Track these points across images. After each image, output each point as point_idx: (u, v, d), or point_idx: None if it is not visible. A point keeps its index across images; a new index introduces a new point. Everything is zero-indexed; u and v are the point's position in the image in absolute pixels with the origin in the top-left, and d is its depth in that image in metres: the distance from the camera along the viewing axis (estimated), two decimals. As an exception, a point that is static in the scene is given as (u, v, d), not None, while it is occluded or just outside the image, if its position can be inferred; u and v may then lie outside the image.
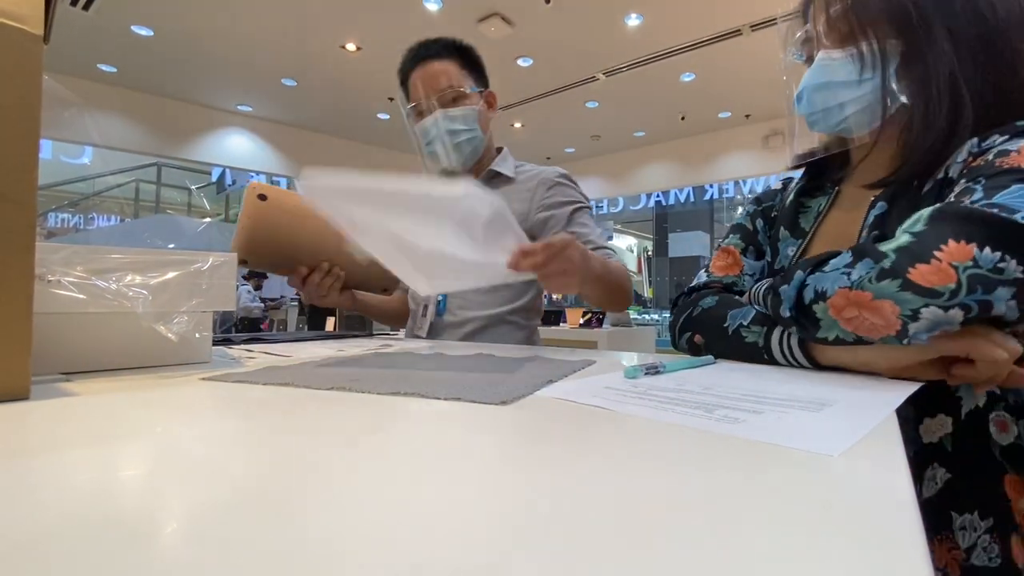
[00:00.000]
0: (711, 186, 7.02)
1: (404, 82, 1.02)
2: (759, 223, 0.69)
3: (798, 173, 0.68)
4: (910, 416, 0.49)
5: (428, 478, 0.20)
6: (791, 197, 0.64)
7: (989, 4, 0.49)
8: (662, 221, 7.90)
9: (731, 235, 0.71)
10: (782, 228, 0.62)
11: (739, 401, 0.33)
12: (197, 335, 0.55)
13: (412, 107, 1.00)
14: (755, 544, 0.14)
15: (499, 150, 1.08)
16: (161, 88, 5.39)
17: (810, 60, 0.57)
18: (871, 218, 0.52)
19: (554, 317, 3.76)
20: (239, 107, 5.97)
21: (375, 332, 1.21)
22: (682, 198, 7.26)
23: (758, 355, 0.50)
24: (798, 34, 0.58)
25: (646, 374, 0.43)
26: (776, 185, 0.72)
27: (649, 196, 7.39)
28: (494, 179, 1.03)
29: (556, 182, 0.99)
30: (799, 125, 0.60)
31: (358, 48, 4.55)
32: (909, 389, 0.34)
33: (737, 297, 0.60)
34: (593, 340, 3.17)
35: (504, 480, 0.20)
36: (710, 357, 0.56)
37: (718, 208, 7.40)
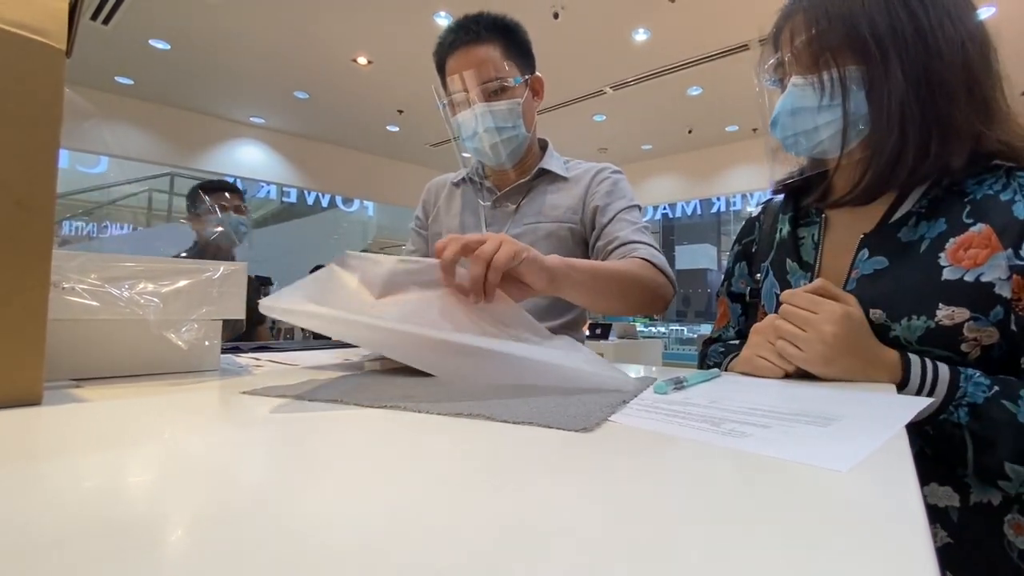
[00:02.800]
0: (718, 199, 7.01)
1: (441, 66, 0.92)
2: (740, 267, 0.75)
3: (777, 196, 0.72)
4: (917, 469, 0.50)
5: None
6: (787, 229, 0.66)
7: (935, 40, 0.52)
8: (669, 233, 7.89)
9: (725, 282, 0.77)
10: (788, 261, 0.65)
11: (746, 415, 0.33)
12: (207, 343, 0.56)
13: (449, 99, 0.90)
14: (764, 560, 0.14)
15: (543, 144, 1.02)
16: (176, 100, 5.51)
17: (781, 85, 0.60)
18: (869, 269, 0.55)
19: (602, 331, 3.62)
20: (252, 119, 6.08)
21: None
22: (689, 211, 7.26)
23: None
24: (770, 61, 0.61)
25: (674, 389, 0.43)
26: (755, 212, 0.76)
27: (656, 208, 7.38)
28: (543, 177, 0.97)
29: (608, 177, 0.95)
30: (776, 150, 0.63)
31: (369, 62, 4.63)
32: (919, 405, 0.34)
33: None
34: (599, 352, 3.15)
35: (504, 493, 0.20)
36: (716, 371, 0.56)
37: (725, 221, 7.39)
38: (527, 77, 0.92)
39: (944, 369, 0.48)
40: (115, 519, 0.16)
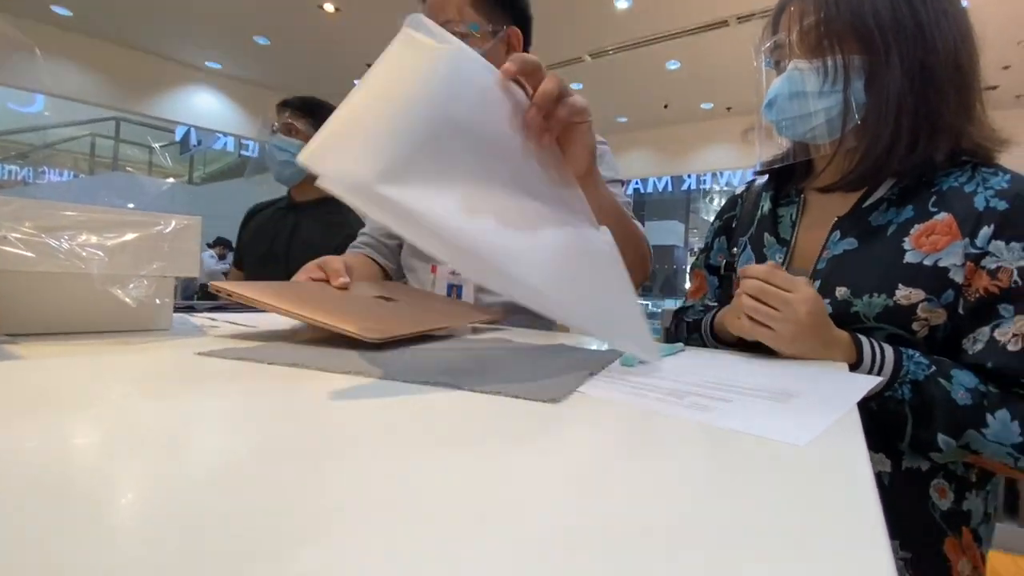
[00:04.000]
0: (689, 176, 7.11)
1: None
2: (719, 241, 0.77)
3: (761, 178, 0.74)
4: None
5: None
6: (767, 206, 0.69)
7: (932, 37, 0.54)
8: (639, 209, 7.97)
9: (700, 255, 0.80)
10: (767, 235, 0.68)
11: (710, 389, 0.33)
12: (157, 301, 0.52)
13: None
14: (729, 528, 0.15)
15: None
16: (122, 37, 5.04)
17: (778, 66, 0.61)
18: (839, 249, 0.58)
19: None
20: (208, 64, 5.66)
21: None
22: (660, 187, 7.33)
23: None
24: (768, 42, 0.61)
25: (642, 362, 0.43)
26: (739, 190, 0.78)
27: (628, 183, 7.43)
28: None
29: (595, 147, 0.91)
30: (767, 132, 0.64)
31: (337, 9, 4.36)
32: (870, 384, 0.36)
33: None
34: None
35: (471, 463, 0.20)
36: (680, 345, 0.57)
37: (694, 199, 7.51)
38: (497, 28, 0.82)
39: (889, 349, 0.51)
40: (55, 487, 0.15)
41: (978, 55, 0.57)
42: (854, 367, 0.50)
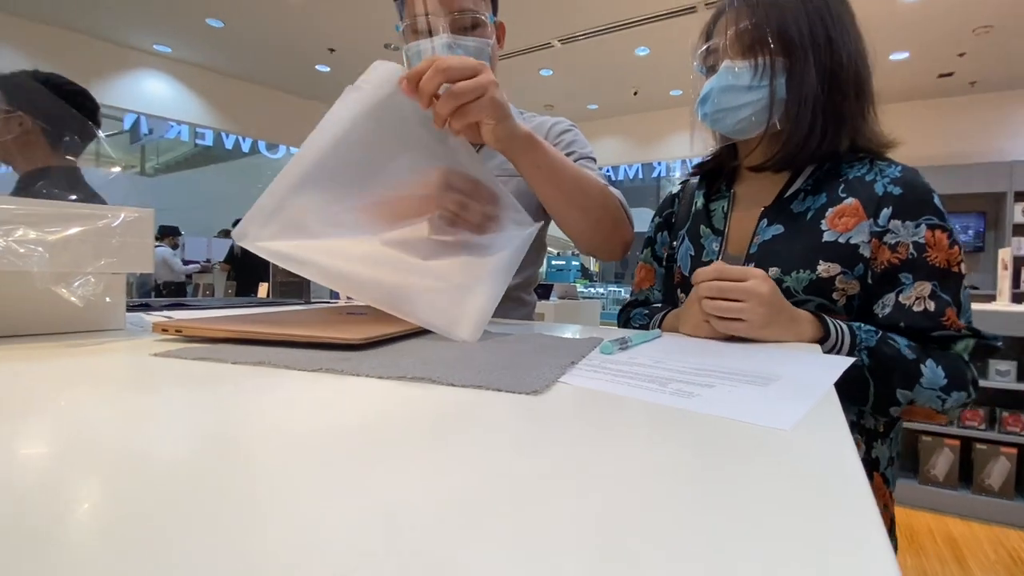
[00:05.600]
0: (659, 163, 7.19)
1: None
2: (662, 235, 0.84)
3: (695, 178, 0.84)
4: None
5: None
6: (701, 202, 0.78)
7: (838, 49, 0.63)
8: (609, 196, 8.04)
9: (644, 249, 0.87)
10: (702, 227, 0.75)
11: (691, 375, 0.33)
12: (107, 299, 0.49)
13: (409, 23, 0.77)
14: (722, 515, 0.14)
15: None
16: (60, 19, 4.69)
17: (711, 71, 0.68)
18: (768, 235, 0.66)
19: (543, 291, 3.58)
20: (156, 47, 5.34)
21: (313, 300, 1.15)
22: (631, 174, 7.40)
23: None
24: (701, 48, 0.69)
25: (620, 349, 0.43)
26: (674, 189, 0.87)
27: (600, 170, 7.47)
28: None
29: (566, 129, 0.91)
30: (699, 128, 0.73)
31: (297, -10, 4.17)
32: (843, 364, 0.36)
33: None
34: (540, 312, 3.20)
35: (453, 458, 0.19)
36: (657, 331, 0.58)
37: (665, 186, 7.63)
38: (496, 20, 0.84)
39: (843, 323, 0.57)
40: (6, 501, 0.13)
41: (870, 70, 0.66)
42: (823, 340, 0.55)
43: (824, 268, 0.61)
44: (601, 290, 6.11)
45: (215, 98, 5.89)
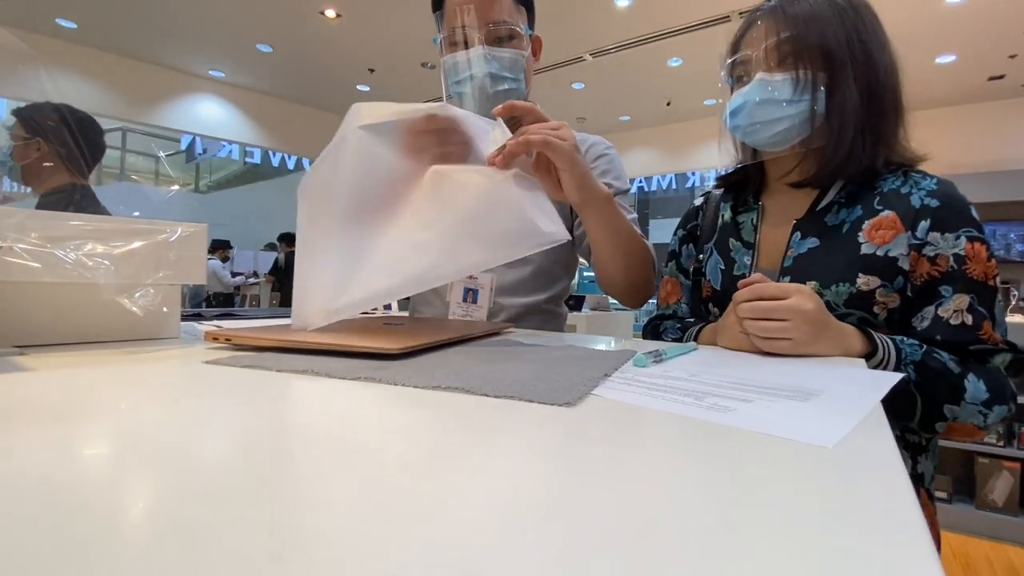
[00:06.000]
0: (693, 174, 7.06)
1: (440, 2, 0.83)
2: (687, 248, 0.82)
3: (718, 189, 0.82)
4: None
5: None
6: (728, 215, 0.76)
7: (876, 64, 0.62)
8: (644, 207, 7.93)
9: (668, 263, 0.84)
10: (731, 240, 0.74)
11: (727, 389, 0.33)
12: (164, 309, 0.52)
13: (446, 35, 0.80)
14: (767, 537, 0.14)
15: None
16: (126, 48, 5.08)
17: (739, 82, 0.67)
18: (803, 248, 0.65)
19: (575, 302, 3.56)
20: (211, 72, 5.70)
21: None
22: (664, 184, 7.29)
23: None
24: (731, 59, 0.68)
25: (655, 362, 0.43)
26: (698, 201, 0.84)
27: (632, 181, 7.39)
28: None
29: (603, 153, 0.92)
30: (729, 139, 0.72)
31: (338, 15, 4.37)
32: (891, 380, 0.34)
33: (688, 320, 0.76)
34: (572, 324, 3.18)
35: (487, 468, 0.19)
36: (693, 344, 0.56)
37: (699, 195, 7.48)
38: (532, 33, 0.85)
39: (888, 337, 0.55)
40: (62, 501, 0.15)
41: (901, 86, 0.65)
42: (870, 355, 0.53)
43: (864, 281, 0.60)
44: (635, 302, 6.01)
45: (263, 118, 6.20)
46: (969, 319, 0.56)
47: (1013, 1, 3.57)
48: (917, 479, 0.62)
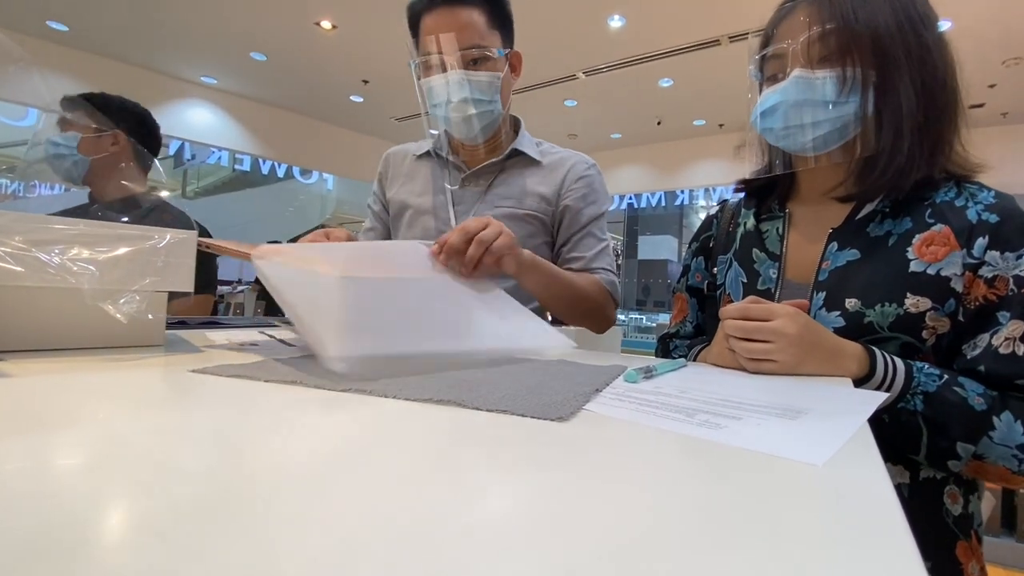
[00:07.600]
0: (682, 192, 7.17)
1: (415, 21, 0.84)
2: (697, 262, 0.77)
3: (736, 196, 0.74)
4: None
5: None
6: (751, 223, 0.69)
7: (933, 58, 0.55)
8: (633, 224, 8.01)
9: (681, 278, 0.80)
10: (755, 251, 0.67)
11: (717, 406, 0.33)
12: (150, 316, 0.51)
13: (422, 60, 0.82)
14: (758, 556, 0.14)
15: (515, 123, 0.98)
16: (118, 52, 5.06)
17: (771, 80, 0.59)
18: (840, 261, 0.58)
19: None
20: (203, 79, 5.68)
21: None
22: (653, 202, 7.39)
23: None
24: (762, 52, 0.60)
25: (645, 378, 0.43)
26: (712, 210, 0.78)
27: (622, 198, 7.48)
28: (516, 158, 0.94)
29: (584, 175, 0.93)
30: (760, 142, 0.65)
31: (333, 26, 4.40)
32: (877, 400, 0.35)
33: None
34: (561, 337, 3.17)
35: (479, 482, 0.19)
36: (682, 360, 0.57)
37: (687, 214, 7.58)
38: (508, 51, 0.87)
39: (899, 362, 0.51)
40: (38, 513, 0.14)
41: (958, 81, 0.57)
42: (864, 379, 0.49)
43: (913, 302, 0.53)
44: (622, 317, 6.05)
45: (254, 125, 6.18)
46: (1020, 349, 0.49)
47: (992, 31, 3.72)
48: (967, 519, 0.54)
